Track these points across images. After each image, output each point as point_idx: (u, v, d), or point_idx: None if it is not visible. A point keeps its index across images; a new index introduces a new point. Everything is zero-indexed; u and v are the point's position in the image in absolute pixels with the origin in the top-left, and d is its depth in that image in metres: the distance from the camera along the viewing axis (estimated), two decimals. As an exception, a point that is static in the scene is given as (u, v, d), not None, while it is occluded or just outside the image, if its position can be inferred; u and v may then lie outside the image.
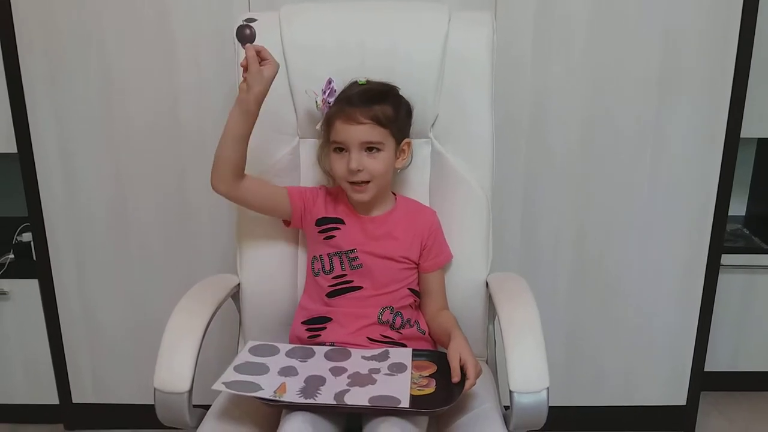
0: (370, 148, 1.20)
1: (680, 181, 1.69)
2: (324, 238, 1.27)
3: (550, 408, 1.05)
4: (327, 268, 1.26)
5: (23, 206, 1.74)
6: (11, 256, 1.84)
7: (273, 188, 1.28)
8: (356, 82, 1.24)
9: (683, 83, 1.62)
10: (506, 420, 1.11)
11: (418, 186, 1.36)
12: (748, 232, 2.02)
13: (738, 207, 2.13)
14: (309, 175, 1.37)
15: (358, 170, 1.19)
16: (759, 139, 2.05)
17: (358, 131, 1.18)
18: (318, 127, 1.27)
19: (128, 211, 1.72)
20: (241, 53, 1.32)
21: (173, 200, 1.71)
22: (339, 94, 1.24)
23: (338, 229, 1.27)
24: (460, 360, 1.09)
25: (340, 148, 1.21)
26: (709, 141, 1.66)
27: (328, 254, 1.26)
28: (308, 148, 1.36)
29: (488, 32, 1.31)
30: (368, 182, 1.21)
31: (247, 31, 1.13)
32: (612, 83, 1.62)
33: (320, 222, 1.28)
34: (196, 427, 1.11)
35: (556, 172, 1.68)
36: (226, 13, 1.57)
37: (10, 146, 1.70)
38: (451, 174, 1.34)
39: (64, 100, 1.65)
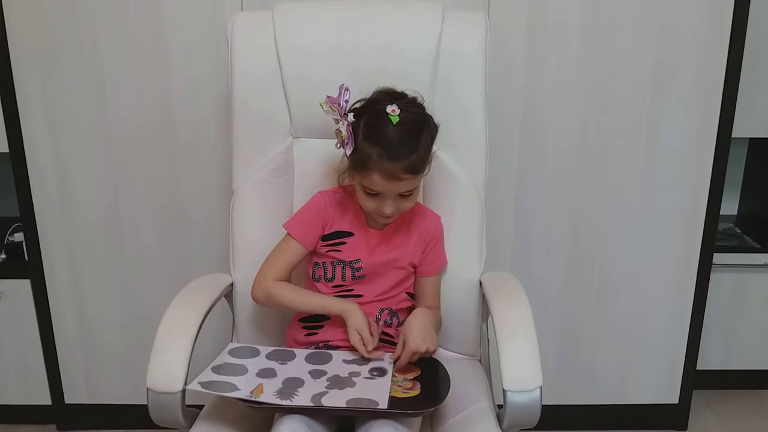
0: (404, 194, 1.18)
1: (672, 181, 1.70)
2: (328, 251, 1.27)
3: (543, 407, 1.05)
4: (329, 275, 1.26)
5: (15, 206, 1.73)
6: (3, 256, 1.83)
7: (293, 258, 1.27)
8: (388, 115, 1.13)
9: (675, 82, 1.63)
10: (500, 419, 1.11)
11: (411, 185, 1.36)
12: (739, 231, 2.03)
13: (730, 206, 2.14)
14: (302, 174, 1.37)
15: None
16: (750, 138, 2.06)
17: (398, 186, 1.15)
18: (337, 143, 1.19)
19: (121, 211, 1.72)
20: (234, 53, 1.33)
21: (166, 200, 1.70)
22: (373, 127, 1.14)
23: (345, 243, 1.26)
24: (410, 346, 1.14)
25: (373, 192, 1.17)
26: (700, 140, 1.67)
27: (331, 262, 1.26)
28: (302, 147, 1.36)
29: (482, 32, 1.32)
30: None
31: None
32: (604, 83, 1.63)
33: (327, 237, 1.27)
34: (190, 427, 1.10)
35: (549, 171, 1.68)
36: (219, 13, 1.56)
37: (1, 145, 1.69)
38: (445, 173, 1.34)
39: (56, 99, 1.64)
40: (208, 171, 1.67)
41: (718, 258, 1.81)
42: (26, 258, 1.78)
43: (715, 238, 1.75)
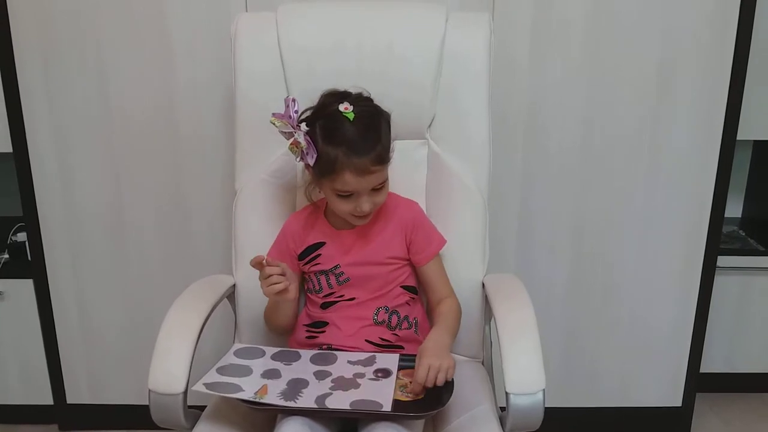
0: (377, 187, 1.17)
1: (677, 183, 1.69)
2: (310, 267, 1.27)
3: (546, 409, 1.05)
4: (316, 287, 1.26)
5: (18, 206, 1.73)
6: (6, 256, 1.83)
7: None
8: (342, 114, 1.13)
9: (680, 84, 1.62)
10: (502, 421, 1.11)
11: (414, 187, 1.36)
12: (744, 234, 2.02)
13: (734, 209, 2.13)
14: (304, 175, 1.37)
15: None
16: (755, 141, 2.05)
17: (370, 181, 1.14)
18: (296, 157, 1.17)
19: (124, 211, 1.72)
20: (237, 53, 1.33)
21: (169, 200, 1.70)
22: (331, 128, 1.13)
23: (320, 254, 1.26)
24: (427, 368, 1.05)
25: (346, 194, 1.16)
26: (705, 143, 1.66)
27: (315, 274, 1.26)
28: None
29: (486, 33, 1.31)
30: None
31: None
32: (609, 84, 1.62)
33: (302, 256, 1.27)
34: (191, 429, 1.10)
35: (553, 173, 1.68)
36: (223, 12, 1.56)
37: (5, 146, 1.69)
38: (448, 175, 1.34)
39: (60, 99, 1.64)
40: (210, 171, 1.67)
41: (723, 261, 1.80)
42: (29, 258, 1.78)
43: (720, 241, 1.74)
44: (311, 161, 1.15)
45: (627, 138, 1.66)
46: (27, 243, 1.77)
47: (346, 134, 1.12)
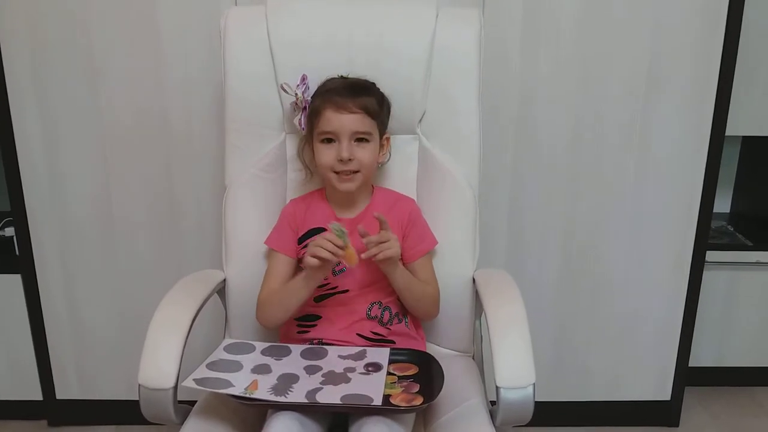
0: (360, 138, 1.20)
1: (666, 178, 1.70)
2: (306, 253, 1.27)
3: (537, 403, 1.05)
4: None
5: (6, 200, 1.72)
6: (-7, 250, 1.82)
7: (283, 270, 1.26)
8: (338, 75, 1.25)
9: (670, 80, 1.63)
10: (493, 415, 1.11)
11: (405, 182, 1.36)
12: (732, 229, 2.04)
13: (723, 204, 2.15)
14: (295, 170, 1.37)
15: (349, 159, 1.19)
16: (744, 136, 2.06)
17: (349, 120, 1.18)
18: (296, 121, 1.27)
19: (113, 206, 1.71)
20: (227, 48, 1.32)
21: (159, 195, 1.69)
22: (322, 87, 1.24)
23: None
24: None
25: (329, 139, 1.20)
26: (694, 138, 1.67)
27: None
28: (295, 144, 1.35)
29: (476, 28, 1.31)
30: (357, 171, 1.21)
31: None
32: (599, 80, 1.62)
33: (302, 240, 1.27)
34: (181, 424, 1.10)
35: (543, 168, 1.68)
36: (214, 6, 1.55)
37: (-8, 140, 1.68)
38: (439, 170, 1.34)
39: (49, 94, 1.63)
40: (201, 166, 1.66)
41: (711, 256, 1.81)
42: (17, 252, 1.77)
43: (708, 236, 1.75)
44: (304, 119, 1.24)
45: (616, 133, 1.66)
46: (15, 238, 1.76)
47: (335, 85, 1.22)
